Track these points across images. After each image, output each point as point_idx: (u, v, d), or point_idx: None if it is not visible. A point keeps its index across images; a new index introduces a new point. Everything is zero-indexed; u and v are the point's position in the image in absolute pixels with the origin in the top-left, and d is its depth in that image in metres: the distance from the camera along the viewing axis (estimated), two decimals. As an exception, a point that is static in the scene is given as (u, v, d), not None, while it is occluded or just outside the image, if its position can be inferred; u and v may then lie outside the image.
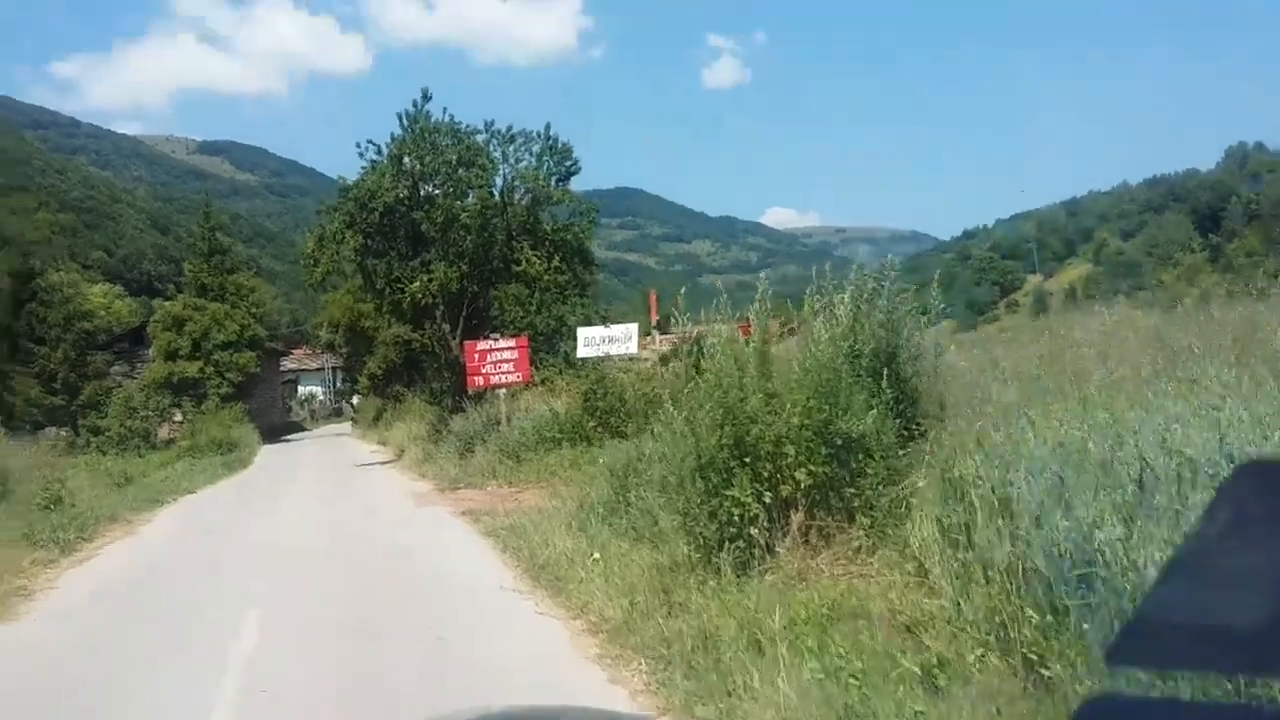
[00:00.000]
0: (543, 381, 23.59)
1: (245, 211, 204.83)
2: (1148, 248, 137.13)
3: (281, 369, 70.11)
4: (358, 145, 28.13)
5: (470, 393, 24.13)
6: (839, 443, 7.76)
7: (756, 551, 7.70)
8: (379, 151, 27.92)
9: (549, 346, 26.57)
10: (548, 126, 27.90)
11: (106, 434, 44.16)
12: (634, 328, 21.82)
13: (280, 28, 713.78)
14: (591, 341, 21.71)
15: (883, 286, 9.32)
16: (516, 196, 28.03)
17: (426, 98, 27.83)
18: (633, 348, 21.32)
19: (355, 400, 66.45)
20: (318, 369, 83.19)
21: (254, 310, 51.50)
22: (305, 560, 11.99)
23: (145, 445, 42.84)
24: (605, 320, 23.65)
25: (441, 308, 27.55)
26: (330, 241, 27.34)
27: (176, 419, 45.68)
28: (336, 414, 78.48)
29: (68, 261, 74.29)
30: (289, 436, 56.12)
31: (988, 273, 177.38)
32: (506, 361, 22.04)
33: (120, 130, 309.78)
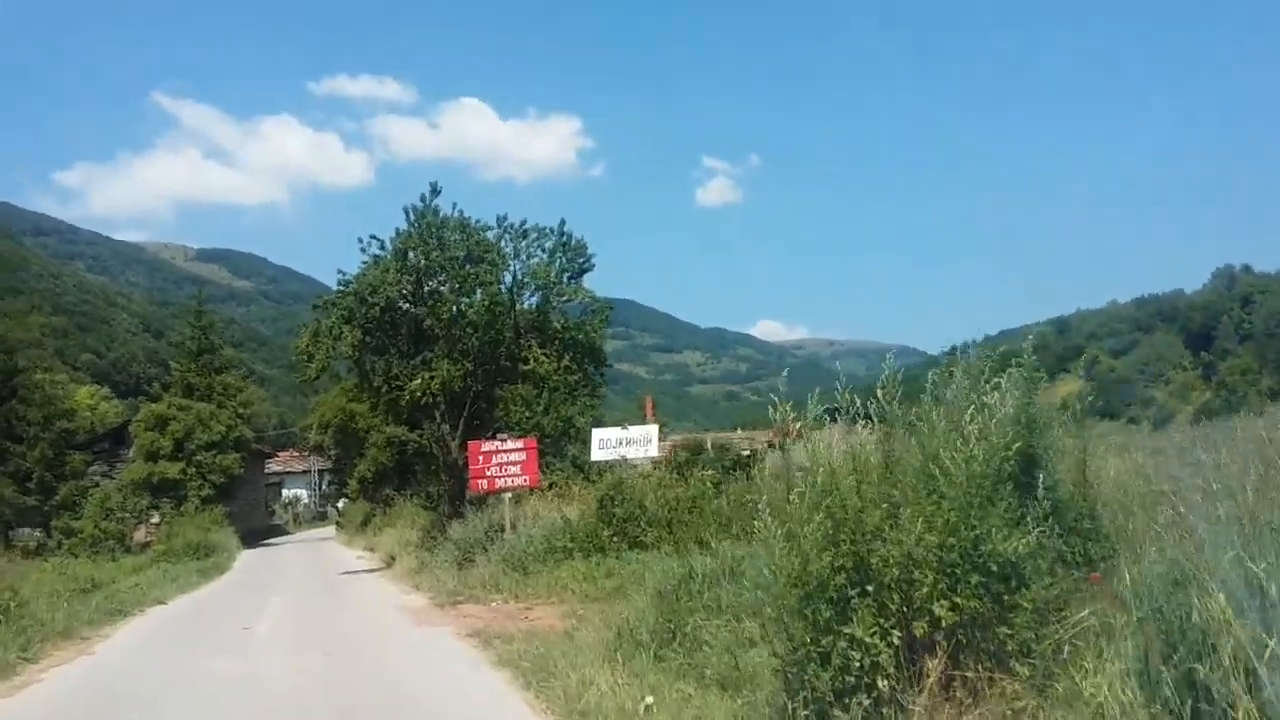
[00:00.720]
0: (550, 486, 21.67)
1: (240, 317, 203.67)
2: (1139, 365, 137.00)
3: (266, 471, 67.85)
4: (360, 240, 26.74)
5: (469, 497, 22.20)
6: (992, 568, 5.94)
7: (886, 710, 5.83)
8: (382, 246, 26.49)
9: (555, 450, 24.72)
10: (561, 223, 26.55)
11: (80, 535, 41.91)
12: (653, 429, 20.09)
13: (285, 144, 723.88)
14: (607, 444, 19.92)
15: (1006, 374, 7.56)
16: (526, 294, 26.49)
17: (435, 192, 26.50)
18: (653, 450, 19.53)
19: (341, 504, 64.16)
20: (304, 471, 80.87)
21: (241, 411, 49.59)
22: (284, 694, 9.96)
23: (120, 548, 40.58)
24: (622, 423, 21.71)
25: (442, 407, 25.74)
26: (326, 337, 25.64)
27: (154, 521, 43.42)
28: (321, 518, 75.93)
29: (55, 361, 72.50)
30: (271, 540, 53.75)
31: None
32: (513, 464, 20.16)
33: (120, 237, 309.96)
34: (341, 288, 26.15)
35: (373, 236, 26.75)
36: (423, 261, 25.78)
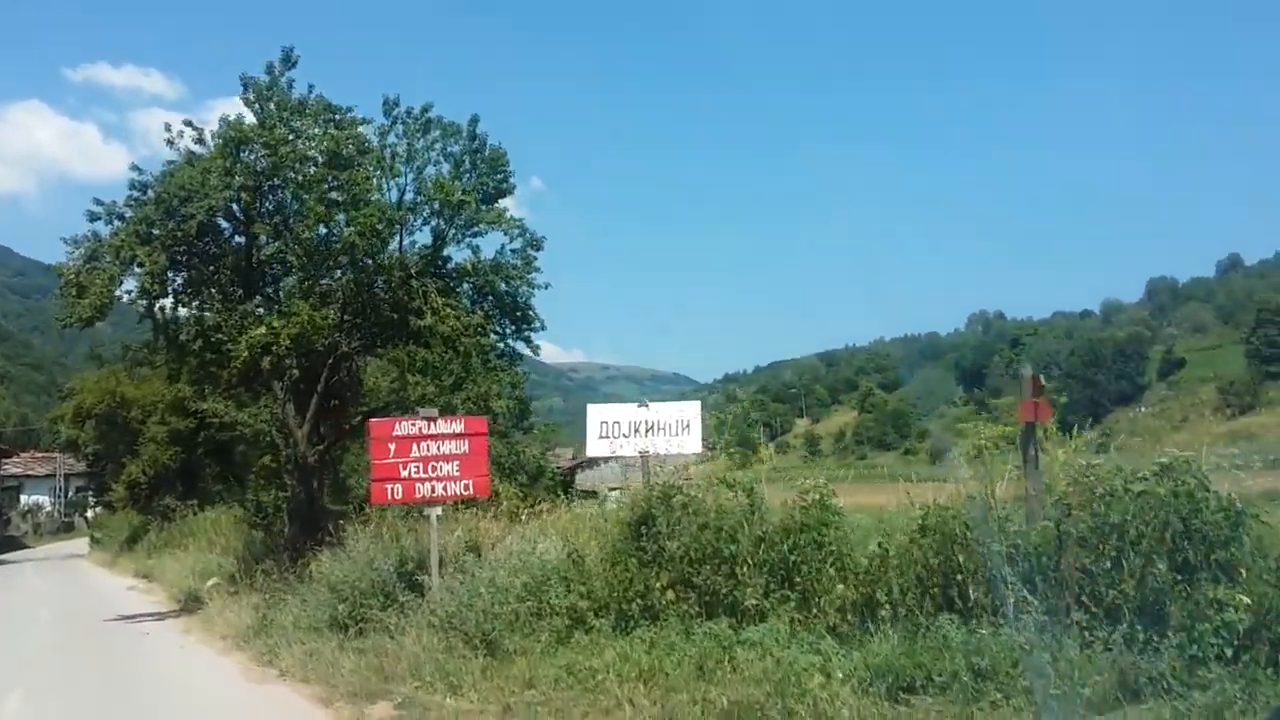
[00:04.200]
0: (495, 497, 13.08)
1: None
2: (912, 400, 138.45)
3: (3, 474, 54.29)
4: (168, 129, 17.31)
5: (353, 510, 13.37)
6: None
7: None
8: (200, 139, 17.10)
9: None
10: (473, 120, 17.81)
11: None
12: (694, 406, 11.88)
13: (35, 132, 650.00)
14: (614, 430, 11.49)
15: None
16: (419, 218, 17.63)
17: (289, 62, 17.29)
18: (694, 442, 11.31)
19: (91, 514, 51.53)
20: (47, 475, 66.59)
21: (-28, 395, 37.36)
22: None
23: None
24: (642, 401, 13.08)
25: (294, 374, 16.50)
26: (111, 261, 15.94)
27: None
28: (67, 529, 62.27)
29: None
30: (6, 556, 41.44)
31: (758, 414, 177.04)
32: (448, 459, 11.50)
33: None
34: (136, 192, 16.56)
35: (187, 123, 17.41)
36: (264, 162, 16.54)
